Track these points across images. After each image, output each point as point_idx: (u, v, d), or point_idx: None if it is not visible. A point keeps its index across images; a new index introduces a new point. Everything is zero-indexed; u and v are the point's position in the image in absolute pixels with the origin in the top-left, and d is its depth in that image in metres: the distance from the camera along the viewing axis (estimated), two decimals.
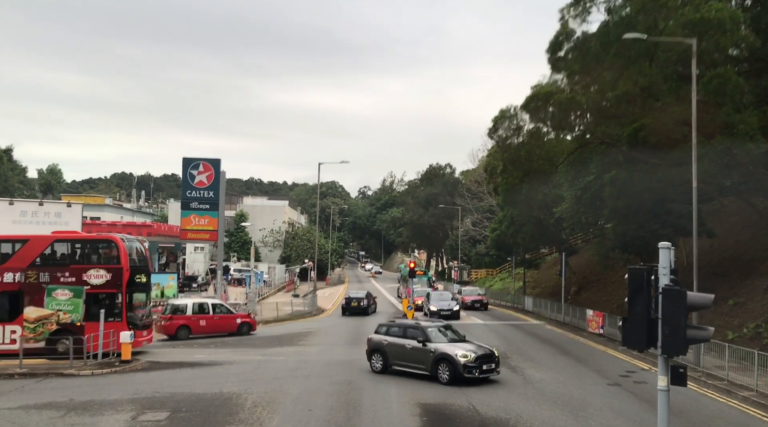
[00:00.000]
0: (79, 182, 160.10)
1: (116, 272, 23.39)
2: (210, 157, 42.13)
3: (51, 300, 23.08)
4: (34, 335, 22.99)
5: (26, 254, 23.82)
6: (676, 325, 8.48)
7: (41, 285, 23.28)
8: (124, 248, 23.69)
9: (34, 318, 23.13)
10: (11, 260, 23.78)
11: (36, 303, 23.19)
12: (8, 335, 23.19)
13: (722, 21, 23.48)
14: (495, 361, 19.20)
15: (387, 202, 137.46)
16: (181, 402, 16.26)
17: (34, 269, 23.48)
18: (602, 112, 30.86)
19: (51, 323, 23.16)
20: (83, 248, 24.46)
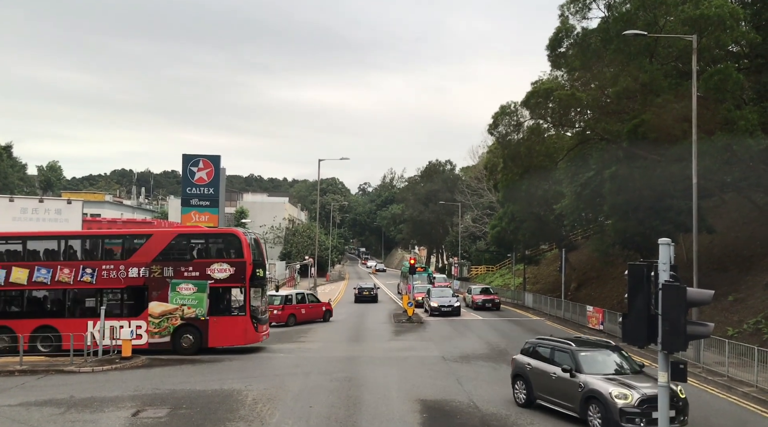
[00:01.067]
0: (79, 179, 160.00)
1: (239, 266, 23.22)
2: (210, 154, 42.17)
3: (175, 295, 23.22)
4: (159, 331, 23.20)
5: (150, 248, 23.77)
6: (676, 321, 8.49)
7: (165, 280, 23.36)
8: (246, 242, 23.51)
9: (159, 313, 23.28)
10: (136, 255, 23.75)
11: (160, 298, 23.32)
12: (134, 331, 23.10)
13: (722, 17, 23.47)
14: (677, 406, 12.69)
15: (387, 198, 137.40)
16: (182, 399, 16.29)
17: (158, 264, 23.45)
18: (602, 108, 30.87)
19: (175, 317, 23.26)
20: (206, 242, 24.48)
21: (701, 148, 22.93)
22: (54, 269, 23.56)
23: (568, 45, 30.42)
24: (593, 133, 32.80)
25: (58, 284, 23.56)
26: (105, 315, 22.51)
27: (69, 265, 23.67)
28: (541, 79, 33.64)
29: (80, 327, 22.79)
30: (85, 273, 23.52)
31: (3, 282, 23.55)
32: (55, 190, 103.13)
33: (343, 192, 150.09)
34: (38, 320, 23.46)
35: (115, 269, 23.54)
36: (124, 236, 25.16)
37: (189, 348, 23.20)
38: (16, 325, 23.16)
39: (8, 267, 23.62)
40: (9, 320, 23.56)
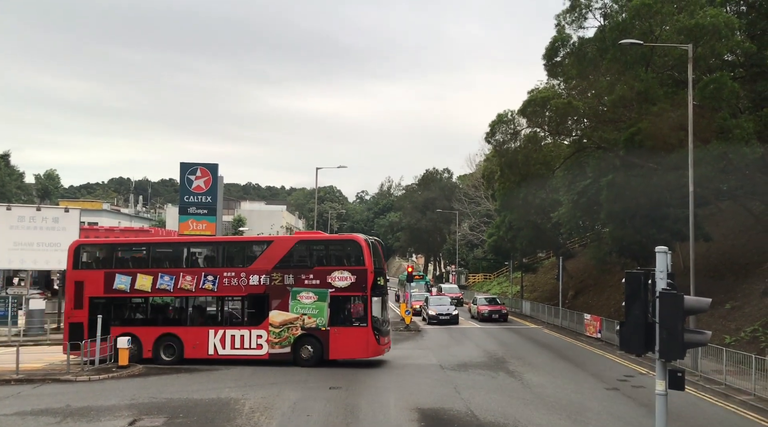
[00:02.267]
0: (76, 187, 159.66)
1: (360, 274, 22.23)
2: (208, 163, 42.19)
3: (296, 303, 22.46)
4: (280, 341, 22.52)
5: (271, 255, 23.17)
6: (673, 329, 8.50)
7: (285, 288, 22.64)
8: (367, 249, 22.49)
9: (280, 322, 22.54)
10: (257, 262, 23.22)
11: (281, 307, 22.60)
12: (254, 340, 22.71)
13: (717, 27, 23.64)
14: None
15: (385, 206, 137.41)
16: (179, 408, 16.22)
17: (278, 271, 22.77)
18: (599, 116, 31.03)
19: (296, 327, 22.44)
20: (326, 249, 23.70)
21: (697, 157, 23.04)
22: (177, 276, 23.34)
23: (565, 54, 30.59)
24: (590, 141, 32.93)
25: (180, 291, 23.33)
26: (225, 324, 22.77)
27: (191, 272, 23.42)
28: (537, 87, 33.79)
29: (202, 336, 22.90)
30: (207, 280, 23.14)
31: (128, 289, 23.49)
32: (53, 199, 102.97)
33: (340, 200, 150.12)
34: (161, 328, 23.37)
35: (236, 277, 23.02)
36: (245, 243, 25.04)
37: (309, 360, 22.33)
38: (140, 332, 23.26)
39: (134, 274, 23.62)
40: (134, 326, 23.56)
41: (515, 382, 20.14)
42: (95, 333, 22.26)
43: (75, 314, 23.76)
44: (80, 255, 24.83)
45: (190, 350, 23.09)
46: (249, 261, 23.40)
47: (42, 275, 49.10)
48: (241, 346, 22.76)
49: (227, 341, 22.78)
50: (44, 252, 33.88)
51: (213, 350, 22.94)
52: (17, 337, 28.84)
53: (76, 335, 23.22)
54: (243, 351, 22.78)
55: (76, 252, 24.71)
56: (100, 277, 23.87)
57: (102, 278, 23.82)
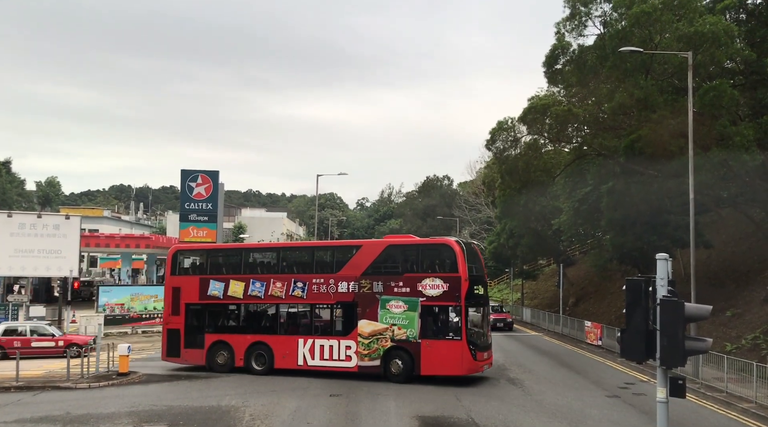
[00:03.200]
0: (77, 194, 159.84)
1: (453, 282, 20.32)
2: (208, 170, 42.27)
3: (385, 313, 20.96)
4: (369, 352, 21.07)
5: (360, 261, 21.83)
6: (674, 336, 8.50)
7: (375, 296, 21.19)
8: (461, 254, 20.55)
9: (368, 333, 21.12)
10: (346, 268, 21.91)
11: (369, 316, 21.16)
12: (343, 351, 21.48)
13: (717, 35, 23.73)
14: None
15: (385, 213, 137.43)
16: (179, 415, 16.19)
17: (367, 278, 21.36)
18: (599, 124, 31.10)
19: (385, 339, 20.90)
20: (417, 254, 21.63)
21: (697, 164, 23.08)
22: (267, 283, 22.67)
23: (565, 62, 30.69)
24: (590, 148, 32.99)
25: (270, 298, 22.63)
26: (314, 333, 21.96)
27: (281, 278, 22.57)
28: (538, 95, 33.91)
29: (291, 345, 22.14)
30: (297, 287, 22.25)
31: (222, 296, 23.15)
32: (54, 206, 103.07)
33: (341, 207, 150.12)
34: (252, 336, 22.83)
35: (325, 283, 21.92)
36: (334, 248, 24.15)
37: (399, 375, 20.69)
38: (233, 340, 22.97)
39: (227, 280, 23.20)
40: (227, 334, 23.24)
41: (516, 389, 20.09)
42: (192, 340, 22.88)
43: (172, 321, 23.78)
44: (177, 261, 24.66)
45: (280, 359, 22.32)
46: (338, 267, 22.15)
47: (42, 282, 49.17)
48: (330, 357, 21.62)
49: (316, 351, 21.77)
50: (45, 259, 33.98)
51: (302, 361, 21.97)
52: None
53: (173, 341, 23.57)
54: (332, 362, 21.60)
55: (173, 258, 24.59)
56: (196, 283, 23.63)
57: (197, 284, 23.57)
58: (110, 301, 36.57)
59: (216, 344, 23.15)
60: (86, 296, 49.00)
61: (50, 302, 42.11)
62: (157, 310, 37.34)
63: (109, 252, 64.66)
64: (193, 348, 23.35)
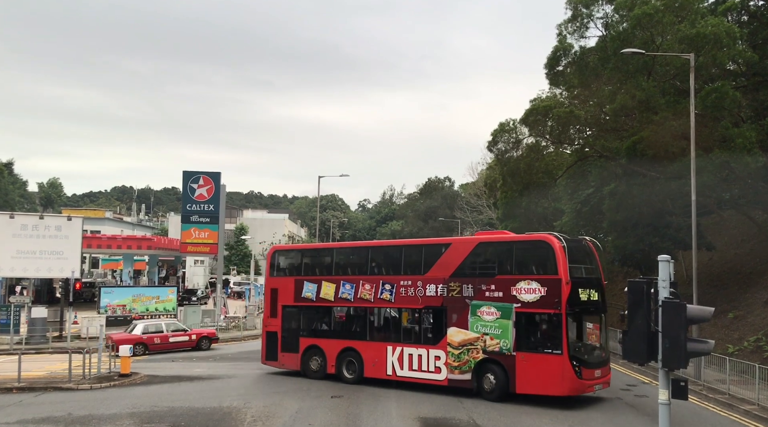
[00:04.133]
0: (79, 196, 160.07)
1: (552, 285, 17.36)
2: (210, 171, 42.27)
3: (476, 320, 18.53)
4: (459, 364, 18.75)
5: (448, 260, 19.64)
6: (676, 338, 8.49)
7: (464, 300, 18.86)
8: (561, 252, 17.42)
9: (459, 342, 18.82)
10: (434, 269, 19.81)
11: (459, 323, 18.90)
12: (432, 362, 19.37)
13: (719, 36, 23.73)
14: None
15: (387, 215, 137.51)
16: (181, 416, 16.20)
17: (456, 280, 19.17)
18: (601, 125, 31.10)
19: (476, 350, 18.49)
20: (511, 253, 18.89)
21: (699, 166, 23.06)
22: (357, 285, 21.19)
23: (566, 63, 30.72)
24: (592, 150, 32.98)
25: (360, 301, 21.07)
26: (403, 340, 20.13)
27: (370, 280, 21.00)
28: (539, 96, 33.91)
29: (380, 353, 20.46)
30: (385, 290, 20.56)
31: (315, 297, 22.04)
32: (56, 207, 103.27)
33: (342, 208, 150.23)
34: (343, 341, 21.42)
35: (413, 286, 20.00)
36: (422, 246, 21.73)
37: (492, 392, 18.13)
38: (325, 345, 21.79)
39: (319, 281, 22.11)
40: (319, 338, 22.05)
41: None
42: (288, 344, 22.17)
43: (270, 323, 23.19)
44: (274, 261, 24.01)
45: (369, 367, 20.69)
46: (426, 268, 20.06)
47: (44, 283, 49.22)
48: (419, 368, 19.63)
49: (405, 360, 19.89)
50: (47, 260, 33.99)
51: (391, 370, 20.20)
52: (19, 345, 28.83)
53: (271, 344, 22.90)
54: (420, 374, 19.60)
55: (271, 258, 24.06)
56: (291, 284, 22.85)
57: (293, 286, 22.75)
58: (112, 302, 36.57)
59: (310, 349, 22.06)
60: (88, 297, 49.04)
61: (52, 303, 42.15)
62: (159, 311, 37.38)
63: (110, 253, 64.75)
64: (290, 352, 22.47)
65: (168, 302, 38.06)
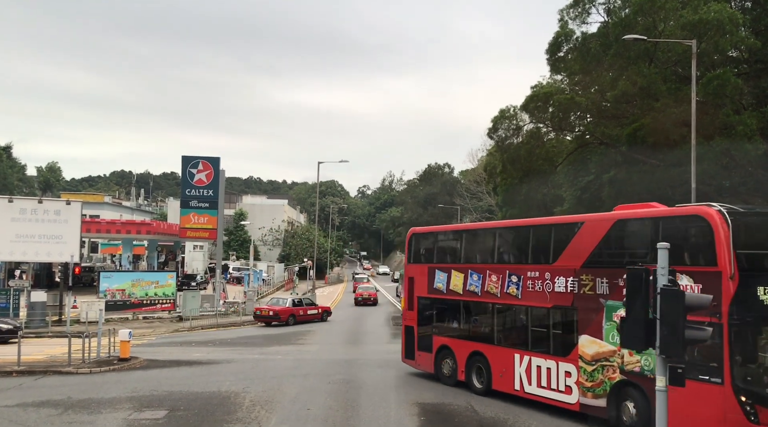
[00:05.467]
0: (78, 180, 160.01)
1: (709, 281, 11.90)
2: (210, 156, 42.18)
3: (612, 327, 13.51)
4: (592, 385, 14.18)
5: (580, 245, 14.85)
6: (674, 325, 8.49)
7: (598, 299, 14.00)
8: (723, 232, 11.94)
9: (591, 356, 14.17)
10: (563, 256, 15.16)
11: (593, 331, 14.13)
12: (562, 379, 14.96)
13: (721, 22, 23.55)
14: None
15: (386, 201, 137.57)
16: (179, 400, 16.27)
17: (588, 272, 14.37)
18: (602, 112, 30.96)
19: (613, 367, 13.64)
20: (655, 234, 12.99)
21: (700, 153, 22.99)
22: (484, 276, 17.58)
23: (568, 49, 30.52)
24: (593, 137, 32.88)
25: (486, 295, 17.44)
26: (531, 348, 15.98)
27: (497, 270, 17.17)
28: (540, 83, 33.74)
29: (508, 360, 16.51)
30: (511, 282, 16.51)
31: (445, 289, 18.97)
32: (55, 191, 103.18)
33: (342, 195, 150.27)
34: (472, 344, 18.00)
35: (540, 278, 15.68)
36: (552, 226, 16.70)
37: (631, 425, 13.23)
38: (455, 346, 18.63)
39: (449, 270, 18.98)
40: (450, 338, 18.93)
41: None
42: (424, 341, 19.74)
43: (408, 316, 20.77)
44: (412, 246, 21.22)
45: (497, 378, 16.91)
46: (555, 255, 15.57)
47: (43, 267, 49.27)
48: (548, 385, 15.38)
49: (533, 373, 15.78)
50: (46, 244, 34.01)
51: (519, 385, 16.24)
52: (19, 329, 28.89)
53: (409, 340, 20.56)
54: (549, 392, 15.36)
55: (409, 243, 21.35)
56: (425, 272, 20.00)
57: (426, 274, 19.91)
58: (111, 287, 36.64)
59: (442, 350, 19.14)
60: (87, 282, 49.16)
61: (51, 288, 42.24)
62: (158, 296, 37.46)
63: (110, 238, 64.78)
64: (425, 351, 19.78)
65: (167, 286, 38.13)
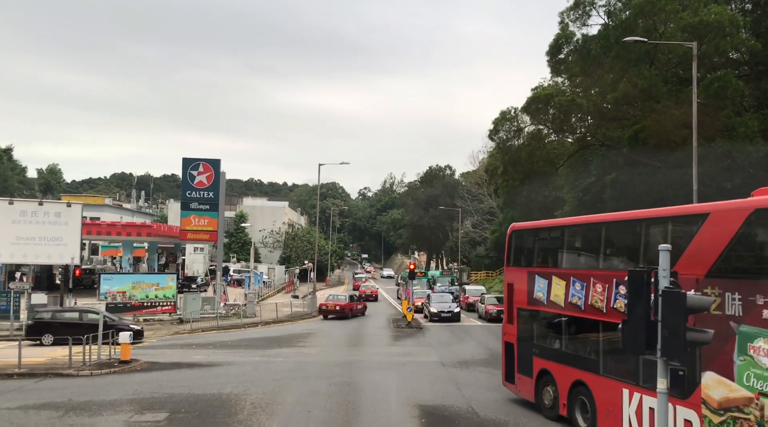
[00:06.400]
0: (78, 182, 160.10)
1: None
2: (210, 158, 42.16)
3: (747, 365, 9.57)
4: None
5: (703, 246, 10.72)
6: (676, 328, 8.46)
7: (728, 323, 9.93)
8: None
9: (719, 401, 10.07)
10: (681, 262, 10.58)
11: (720, 366, 10.02)
12: None
13: (722, 24, 23.58)
14: None
15: (387, 203, 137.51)
16: (180, 403, 16.25)
17: (713, 283, 10.28)
18: (602, 114, 30.98)
19: (749, 421, 9.51)
20: None
21: (701, 155, 22.98)
22: (587, 284, 13.28)
23: (568, 51, 30.57)
24: (594, 139, 32.88)
25: (591, 310, 13.09)
26: (641, 382, 11.30)
27: (602, 277, 12.88)
28: (541, 84, 33.75)
29: (614, 396, 12.34)
30: (619, 295, 12.26)
31: (545, 300, 14.86)
32: (55, 194, 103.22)
33: (343, 197, 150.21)
34: (574, 371, 13.82)
35: None
36: (668, 219, 12.20)
37: None
38: (557, 372, 14.53)
39: (549, 277, 14.73)
40: (551, 361, 14.77)
41: None
42: (523, 363, 15.85)
43: (507, 331, 16.83)
44: (512, 245, 17.05)
45: (602, 417, 12.83)
46: (675, 254, 10.40)
47: (44, 269, 49.27)
48: None
49: (644, 417, 11.56)
50: (46, 247, 34.01)
51: None
52: (20, 331, 28.89)
53: (509, 360, 16.77)
54: None
55: (509, 241, 17.08)
56: (524, 278, 16.02)
57: (525, 280, 15.94)
58: (111, 289, 36.61)
59: (543, 375, 15.13)
60: (88, 284, 49.13)
61: (52, 290, 42.23)
62: (159, 298, 37.43)
63: (110, 240, 64.70)
64: (525, 375, 15.85)
65: (168, 289, 38.10)
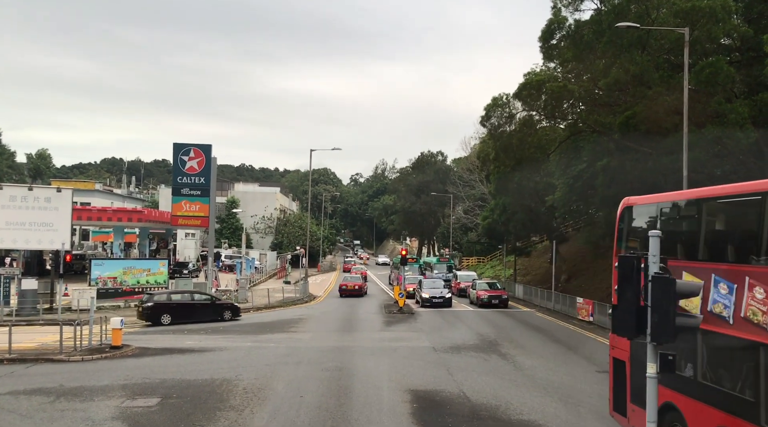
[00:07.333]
0: (68, 167, 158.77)
1: None
2: (201, 143, 41.89)
3: None
4: None
5: None
6: (665, 312, 8.53)
7: None
8: None
9: None
10: None
11: None
12: None
13: (714, 10, 23.57)
14: None
15: (379, 189, 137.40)
16: (172, 388, 16.27)
17: None
18: (594, 100, 30.99)
19: None
20: None
21: (692, 141, 23.05)
22: (740, 287, 9.16)
23: (561, 37, 30.48)
24: (585, 125, 32.91)
25: (744, 325, 9.08)
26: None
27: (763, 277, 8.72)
28: (534, 70, 33.66)
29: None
30: None
31: None
32: (45, 179, 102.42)
33: (334, 182, 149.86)
34: (716, 413, 9.56)
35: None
36: None
37: None
38: (687, 409, 10.34)
39: (679, 271, 10.14)
40: (678, 392, 10.51)
41: (507, 364, 20.27)
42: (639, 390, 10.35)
43: (617, 343, 12.36)
44: (624, 225, 12.73)
45: None
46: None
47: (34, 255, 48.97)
48: None
49: None
50: (36, 232, 33.81)
51: None
52: (9, 317, 28.79)
53: (618, 383, 12.37)
54: None
55: (620, 220, 12.84)
56: None
57: None
58: (102, 274, 36.49)
59: (667, 411, 10.64)
60: (78, 270, 48.89)
61: (42, 275, 42.00)
62: (150, 284, 37.33)
63: (101, 225, 64.43)
64: (640, 406, 10.64)
65: (159, 274, 38.01)
